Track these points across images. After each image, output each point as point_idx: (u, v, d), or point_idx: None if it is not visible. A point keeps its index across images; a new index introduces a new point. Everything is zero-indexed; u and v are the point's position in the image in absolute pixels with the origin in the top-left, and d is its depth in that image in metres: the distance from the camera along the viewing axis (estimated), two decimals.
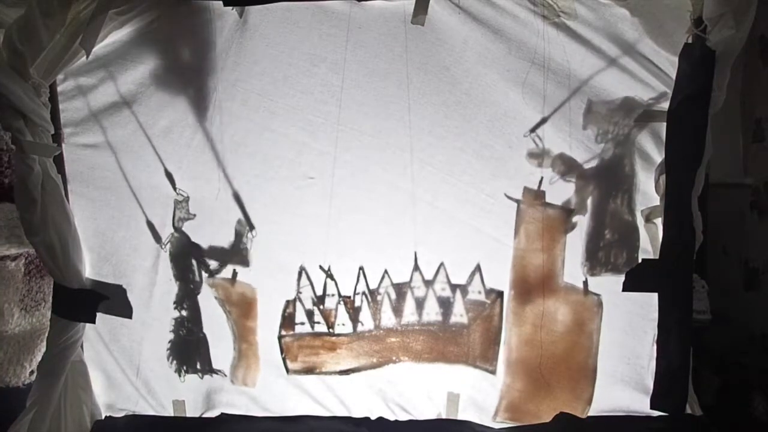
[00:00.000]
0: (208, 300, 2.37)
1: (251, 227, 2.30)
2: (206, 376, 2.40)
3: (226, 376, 2.40)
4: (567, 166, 2.21)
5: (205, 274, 2.35)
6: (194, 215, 2.31)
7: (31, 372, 2.34)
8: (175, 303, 2.36)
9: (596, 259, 2.23)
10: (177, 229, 2.33)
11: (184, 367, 2.40)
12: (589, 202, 2.22)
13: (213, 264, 2.34)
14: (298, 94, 2.25)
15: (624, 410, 2.27)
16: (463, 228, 2.28)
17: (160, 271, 2.35)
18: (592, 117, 2.17)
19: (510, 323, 2.30)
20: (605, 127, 2.17)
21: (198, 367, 2.40)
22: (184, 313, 2.37)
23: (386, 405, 2.38)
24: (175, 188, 2.29)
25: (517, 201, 2.25)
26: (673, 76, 2.04)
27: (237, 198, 2.30)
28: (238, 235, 2.31)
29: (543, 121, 2.19)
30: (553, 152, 2.20)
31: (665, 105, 2.07)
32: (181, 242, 2.33)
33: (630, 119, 2.16)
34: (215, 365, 2.40)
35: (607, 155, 2.19)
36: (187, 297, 2.36)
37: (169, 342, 2.39)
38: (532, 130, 2.19)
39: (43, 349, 2.24)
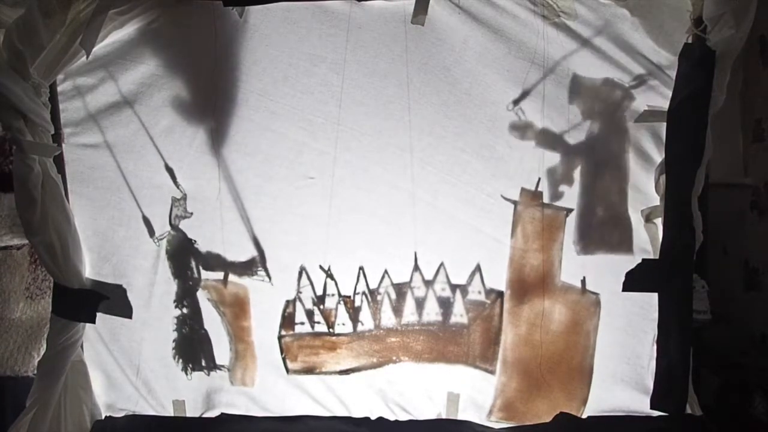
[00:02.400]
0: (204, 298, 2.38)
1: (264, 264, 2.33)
2: (212, 373, 2.39)
3: (230, 371, 2.40)
4: (550, 141, 2.20)
5: (203, 272, 2.35)
6: (191, 213, 2.31)
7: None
8: (175, 301, 2.36)
9: (589, 237, 2.22)
10: (174, 226, 2.33)
11: (190, 365, 2.40)
12: (577, 177, 2.21)
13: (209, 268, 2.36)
14: (298, 94, 2.25)
15: (624, 410, 2.27)
16: (463, 228, 2.27)
17: (159, 271, 2.35)
18: (578, 93, 2.16)
19: (506, 323, 2.30)
20: (590, 103, 2.16)
21: (203, 364, 2.40)
22: (185, 310, 2.37)
23: (386, 405, 2.37)
24: (176, 183, 2.29)
25: (514, 202, 2.25)
26: (673, 75, 2.04)
27: (256, 242, 2.32)
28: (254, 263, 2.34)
29: (525, 94, 2.17)
30: (536, 126, 2.19)
31: (646, 90, 2.10)
32: (178, 240, 2.33)
33: (615, 96, 2.14)
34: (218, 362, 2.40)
35: (594, 132, 2.17)
36: (187, 294, 2.36)
37: (173, 341, 2.39)
38: (515, 102, 2.18)
39: None
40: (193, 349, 2.39)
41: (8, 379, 2.33)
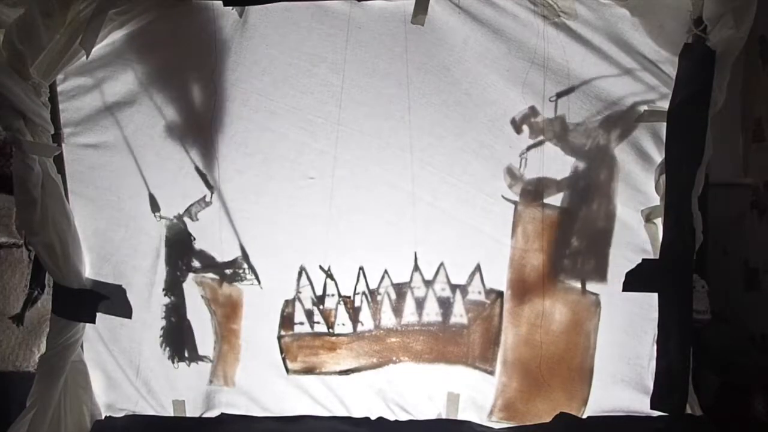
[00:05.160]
0: (191, 290, 2.37)
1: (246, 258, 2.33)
2: (193, 364, 2.39)
3: (211, 361, 2.39)
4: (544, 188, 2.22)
5: (188, 271, 2.36)
6: (210, 202, 2.31)
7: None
8: (164, 289, 2.36)
9: (561, 266, 2.23)
10: (180, 216, 2.32)
11: (176, 356, 2.39)
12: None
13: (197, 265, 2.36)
14: (298, 94, 2.25)
15: (624, 410, 2.27)
16: (463, 228, 2.27)
17: (159, 271, 2.35)
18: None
19: (506, 323, 2.30)
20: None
21: (186, 354, 2.39)
22: (173, 298, 2.37)
23: (386, 405, 2.37)
24: (210, 186, 2.29)
25: (514, 202, 2.25)
26: (674, 76, 2.04)
27: (241, 247, 2.33)
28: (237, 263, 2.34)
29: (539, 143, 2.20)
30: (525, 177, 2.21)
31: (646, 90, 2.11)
32: (178, 229, 2.32)
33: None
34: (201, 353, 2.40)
35: (582, 162, 2.19)
36: (175, 285, 2.36)
37: (161, 329, 2.38)
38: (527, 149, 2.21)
39: None
40: (178, 338, 2.38)
41: (11, 374, 2.35)
